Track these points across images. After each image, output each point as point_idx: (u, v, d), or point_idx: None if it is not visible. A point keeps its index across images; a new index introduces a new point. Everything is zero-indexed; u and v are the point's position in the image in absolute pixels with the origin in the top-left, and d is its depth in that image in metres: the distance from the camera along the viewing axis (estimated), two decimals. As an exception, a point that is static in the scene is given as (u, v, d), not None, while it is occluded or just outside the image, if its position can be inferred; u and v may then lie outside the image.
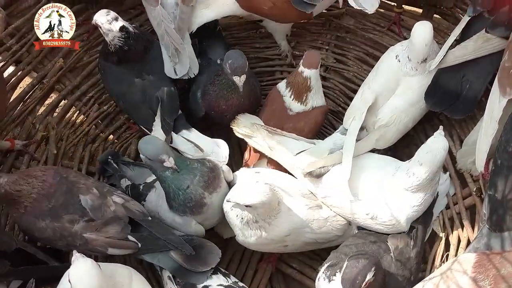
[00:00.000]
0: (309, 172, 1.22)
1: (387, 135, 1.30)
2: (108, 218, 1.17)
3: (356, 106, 1.31)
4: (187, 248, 1.15)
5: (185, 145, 1.34)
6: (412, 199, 1.13)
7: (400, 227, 1.16)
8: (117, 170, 1.40)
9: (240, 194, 1.11)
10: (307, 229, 1.21)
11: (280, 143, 1.28)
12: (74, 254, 1.02)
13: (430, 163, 1.08)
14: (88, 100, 1.59)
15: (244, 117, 1.34)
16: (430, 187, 1.13)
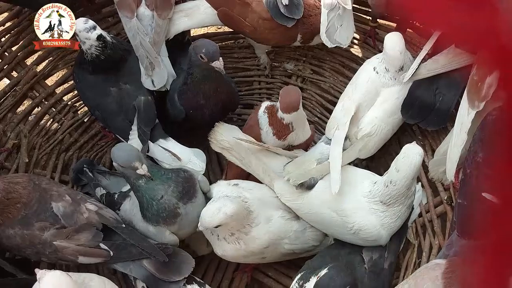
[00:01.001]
0: (300, 183, 1.21)
1: (369, 144, 1.32)
2: (80, 225, 1.15)
3: (338, 117, 1.33)
4: (161, 255, 1.13)
5: (162, 154, 1.33)
6: (392, 212, 1.15)
7: (381, 241, 1.17)
8: (92, 179, 1.38)
9: (203, 219, 1.10)
10: (285, 240, 1.21)
11: (260, 159, 1.27)
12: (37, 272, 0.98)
13: (407, 168, 1.09)
14: (62, 107, 1.57)
15: (222, 128, 1.31)
16: (407, 198, 1.14)
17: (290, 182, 1.21)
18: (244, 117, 1.63)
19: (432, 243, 1.24)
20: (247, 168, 1.28)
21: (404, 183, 1.11)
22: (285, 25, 1.38)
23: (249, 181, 1.27)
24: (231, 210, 1.10)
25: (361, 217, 1.15)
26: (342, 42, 1.37)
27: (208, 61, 1.22)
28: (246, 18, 1.38)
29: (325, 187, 1.20)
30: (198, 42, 1.26)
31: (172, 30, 1.40)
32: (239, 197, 1.17)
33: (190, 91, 1.33)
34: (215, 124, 1.32)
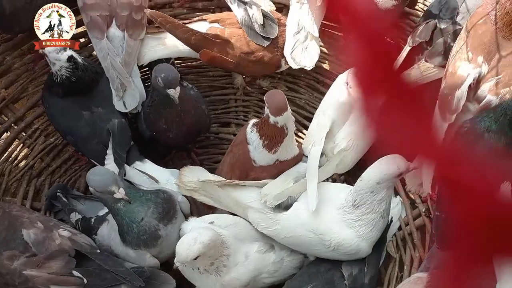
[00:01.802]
0: (277, 205, 1.21)
1: (346, 159, 1.32)
2: (51, 252, 1.11)
3: (314, 133, 1.34)
4: (137, 280, 1.11)
5: (139, 177, 1.31)
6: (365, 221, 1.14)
7: (362, 253, 1.17)
8: (66, 204, 1.34)
9: (180, 254, 1.07)
10: (265, 275, 1.20)
11: (229, 193, 1.25)
12: None
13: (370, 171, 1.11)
14: (33, 132, 1.52)
15: (188, 170, 1.30)
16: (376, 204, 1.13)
17: (268, 204, 1.20)
18: (222, 135, 1.63)
19: (413, 256, 1.25)
20: (218, 205, 1.27)
21: (367, 184, 1.11)
22: (261, 44, 1.39)
23: (225, 217, 1.25)
24: (207, 238, 1.08)
25: (337, 232, 1.15)
26: (306, 64, 1.38)
27: (164, 87, 1.21)
28: (228, 55, 1.39)
29: (298, 208, 1.20)
30: (160, 66, 1.26)
31: (147, 57, 1.39)
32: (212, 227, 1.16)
33: (152, 114, 1.33)
34: (180, 170, 1.30)
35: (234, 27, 1.39)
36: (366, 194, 1.11)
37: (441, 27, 1.30)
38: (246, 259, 1.18)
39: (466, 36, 1.17)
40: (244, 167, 1.30)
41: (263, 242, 1.22)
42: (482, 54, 1.12)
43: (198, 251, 1.07)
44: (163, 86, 1.21)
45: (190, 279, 1.18)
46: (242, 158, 1.30)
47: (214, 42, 1.37)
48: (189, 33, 1.35)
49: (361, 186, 1.12)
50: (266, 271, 1.20)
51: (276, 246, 1.23)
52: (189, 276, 1.17)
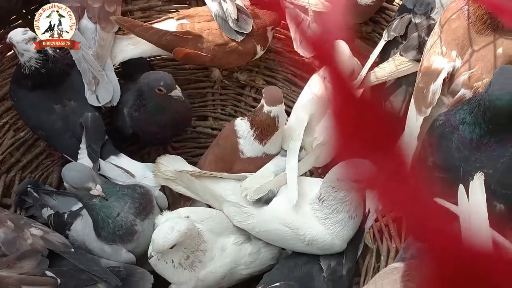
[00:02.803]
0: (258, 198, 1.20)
1: (325, 153, 1.33)
2: (22, 252, 1.07)
3: (292, 128, 1.34)
4: (113, 279, 1.08)
5: (114, 172, 1.28)
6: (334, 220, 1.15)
7: (336, 249, 1.17)
8: (37, 200, 1.30)
9: (156, 242, 1.06)
10: (242, 266, 1.20)
11: (205, 185, 1.24)
12: None
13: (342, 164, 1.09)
14: (1, 126, 1.46)
15: (165, 159, 1.29)
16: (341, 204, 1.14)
17: (248, 198, 1.20)
18: (199, 129, 1.61)
19: (390, 247, 1.27)
20: (195, 196, 1.26)
21: (329, 177, 1.12)
22: (235, 40, 1.38)
23: (200, 210, 1.24)
24: (184, 227, 1.07)
25: (310, 227, 1.15)
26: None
27: (166, 92, 1.22)
28: (202, 50, 1.38)
29: (273, 202, 1.20)
30: (152, 76, 1.24)
31: (119, 58, 1.37)
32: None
33: (143, 120, 1.31)
34: (157, 158, 1.29)
35: (203, 20, 1.38)
36: (329, 189, 1.12)
37: (415, 21, 1.32)
38: (222, 252, 1.17)
39: (440, 31, 1.19)
40: (230, 159, 1.30)
41: (239, 234, 1.22)
42: (456, 48, 1.15)
43: (175, 239, 1.06)
44: (166, 91, 1.21)
45: (164, 275, 1.16)
46: (229, 150, 1.30)
47: (186, 39, 1.36)
48: (159, 34, 1.34)
49: (325, 180, 1.13)
50: (243, 263, 1.20)
51: (253, 237, 1.23)
52: (163, 272, 1.15)
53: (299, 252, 1.21)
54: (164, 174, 1.26)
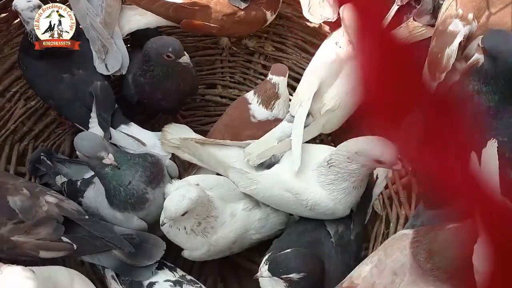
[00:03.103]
0: (260, 163, 1.21)
1: (333, 120, 1.32)
2: (39, 218, 1.10)
3: (302, 93, 1.32)
4: (127, 245, 1.11)
5: (125, 140, 1.28)
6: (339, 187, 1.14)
7: (339, 214, 1.18)
8: (51, 167, 1.32)
9: (168, 209, 1.08)
10: (252, 231, 1.22)
11: (211, 152, 1.25)
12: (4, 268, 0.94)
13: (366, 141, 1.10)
14: (12, 95, 1.47)
15: (172, 128, 1.29)
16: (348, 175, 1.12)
17: (250, 163, 1.21)
18: (208, 97, 1.60)
19: (399, 214, 1.28)
20: (201, 163, 1.27)
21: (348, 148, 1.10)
22: (238, 7, 1.36)
23: (209, 178, 1.25)
24: (195, 194, 1.08)
25: (312, 192, 1.16)
26: (329, 16, 1.37)
27: (175, 59, 1.20)
28: (210, 20, 1.35)
29: (276, 168, 1.20)
30: (160, 42, 1.23)
31: (125, 28, 1.35)
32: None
33: (149, 86, 1.30)
34: (164, 126, 1.30)
35: None
36: (343, 157, 1.11)
37: None
38: (233, 218, 1.19)
39: (456, -7, 1.15)
40: (239, 126, 1.31)
41: (249, 200, 1.23)
42: (472, 11, 1.11)
43: (186, 207, 1.07)
44: (174, 57, 1.20)
45: (176, 241, 1.18)
46: (238, 117, 1.32)
47: (193, 10, 1.34)
48: (165, 6, 1.32)
49: (342, 148, 1.12)
50: (253, 228, 1.21)
51: (261, 203, 1.24)
52: (175, 238, 1.17)
53: (305, 217, 1.22)
54: (170, 142, 1.27)
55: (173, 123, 1.32)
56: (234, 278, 1.38)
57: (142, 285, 1.10)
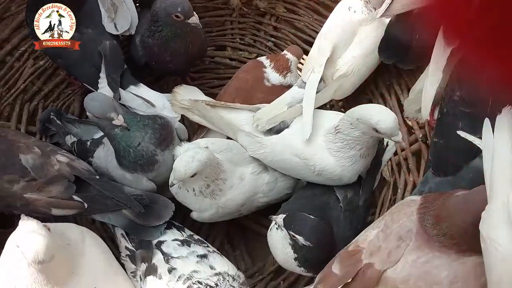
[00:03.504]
0: (270, 128, 1.21)
1: (345, 85, 1.31)
2: (50, 177, 1.12)
3: (314, 58, 1.31)
4: (137, 206, 1.13)
5: (135, 101, 1.28)
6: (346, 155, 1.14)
7: (345, 180, 1.18)
8: (60, 127, 1.33)
9: (177, 170, 1.08)
10: (260, 195, 1.23)
11: (221, 115, 1.24)
12: (22, 217, 0.98)
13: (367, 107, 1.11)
14: (21, 54, 1.46)
15: (182, 89, 1.29)
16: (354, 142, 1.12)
17: (259, 128, 1.21)
18: (217, 59, 1.58)
19: (407, 180, 1.28)
20: (210, 125, 1.27)
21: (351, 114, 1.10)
22: None
23: (219, 141, 1.25)
24: (205, 157, 1.09)
25: (320, 158, 1.16)
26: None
27: (184, 19, 1.18)
28: None
29: (285, 133, 1.20)
30: (169, 1, 1.19)
31: None
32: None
33: (157, 46, 1.28)
34: (174, 87, 1.29)
35: None
36: (347, 123, 1.10)
37: None
38: (241, 181, 1.20)
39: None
40: (253, 87, 1.31)
41: (257, 164, 1.24)
42: None
43: (195, 168, 1.08)
44: (183, 18, 1.18)
45: (185, 203, 1.20)
46: (252, 78, 1.31)
47: None
48: None
49: (347, 114, 1.12)
50: (261, 191, 1.23)
51: (270, 167, 1.25)
52: (184, 200, 1.19)
53: (312, 182, 1.22)
54: (180, 103, 1.27)
55: (183, 85, 1.31)
56: (242, 240, 1.41)
57: (151, 243, 1.13)
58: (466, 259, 0.89)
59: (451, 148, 1.08)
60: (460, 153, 1.07)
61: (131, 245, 1.14)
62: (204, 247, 1.12)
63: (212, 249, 1.13)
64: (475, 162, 1.05)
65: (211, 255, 1.09)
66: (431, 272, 0.89)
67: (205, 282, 1.02)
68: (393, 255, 0.92)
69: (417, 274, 0.90)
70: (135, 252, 1.12)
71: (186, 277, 1.03)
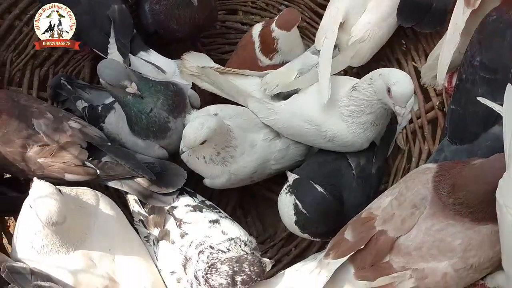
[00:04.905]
0: (280, 93, 1.19)
1: (362, 51, 1.27)
2: (63, 143, 1.12)
3: (327, 26, 1.27)
4: (149, 173, 1.12)
5: (145, 67, 1.26)
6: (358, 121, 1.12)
7: (356, 147, 1.16)
8: (71, 92, 1.32)
9: (187, 137, 1.07)
10: (272, 162, 1.22)
11: (231, 81, 1.22)
12: (34, 180, 0.98)
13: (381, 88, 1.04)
14: (29, 19, 1.44)
15: (191, 56, 1.26)
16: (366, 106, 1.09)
17: (266, 93, 1.19)
18: (228, 24, 1.54)
19: (422, 149, 1.26)
20: (220, 92, 1.25)
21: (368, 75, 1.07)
22: None
23: (228, 108, 1.24)
24: (214, 124, 1.08)
25: (332, 124, 1.14)
26: None
27: None
28: None
29: (295, 99, 1.18)
30: None
31: None
32: None
33: (163, 13, 1.26)
34: (183, 54, 1.27)
35: None
36: (367, 79, 1.07)
37: None
38: (253, 148, 1.19)
39: None
40: (252, 68, 1.27)
41: (269, 130, 1.22)
42: None
43: (205, 135, 1.08)
44: None
45: (196, 170, 1.20)
46: (248, 59, 1.28)
47: None
48: None
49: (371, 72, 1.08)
50: (273, 158, 1.22)
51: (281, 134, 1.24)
52: (195, 167, 1.19)
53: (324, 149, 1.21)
54: (189, 70, 1.25)
55: (192, 51, 1.29)
56: (253, 207, 1.42)
57: (164, 209, 1.13)
58: (481, 228, 0.88)
59: (469, 115, 1.06)
60: (479, 120, 1.05)
61: (144, 210, 1.15)
62: (216, 212, 1.13)
63: (224, 215, 1.14)
64: (494, 129, 1.03)
65: (223, 221, 1.10)
66: (445, 240, 0.89)
67: (217, 247, 1.03)
68: (407, 222, 0.92)
69: (430, 242, 0.90)
70: (148, 217, 1.13)
71: (198, 242, 1.04)
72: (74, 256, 1.01)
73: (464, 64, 1.08)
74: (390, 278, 0.92)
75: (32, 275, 0.96)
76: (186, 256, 1.04)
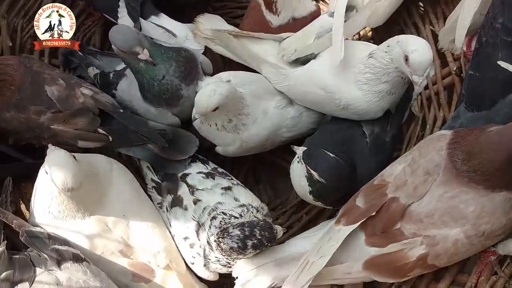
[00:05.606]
0: (296, 59, 1.15)
1: (379, 11, 1.23)
2: (76, 109, 1.12)
3: None
4: (161, 140, 1.13)
5: (156, 31, 1.24)
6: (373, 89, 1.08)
7: (371, 115, 1.14)
8: (83, 59, 1.31)
9: (199, 104, 1.06)
10: (284, 129, 1.21)
11: (244, 45, 1.19)
12: (49, 146, 1.00)
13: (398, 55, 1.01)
14: (38, -16, 1.43)
15: (204, 18, 1.23)
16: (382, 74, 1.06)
17: (285, 59, 1.16)
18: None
19: (437, 115, 1.23)
20: (233, 56, 1.22)
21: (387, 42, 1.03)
22: None
23: (241, 74, 1.21)
24: (226, 90, 1.07)
25: (346, 92, 1.11)
26: None
27: None
28: None
29: (312, 64, 1.15)
30: None
31: None
32: None
33: None
34: (196, 17, 1.23)
35: None
36: (384, 46, 1.03)
37: None
38: (265, 115, 1.18)
39: None
40: (263, 30, 1.24)
41: (282, 98, 1.21)
42: None
43: (217, 102, 1.06)
44: None
45: (208, 137, 1.19)
46: (258, 22, 1.24)
47: None
48: None
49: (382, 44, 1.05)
50: (285, 126, 1.21)
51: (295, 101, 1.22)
52: (207, 134, 1.19)
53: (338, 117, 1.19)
54: (203, 33, 1.22)
55: (206, 14, 1.26)
56: (265, 174, 1.42)
57: (176, 176, 1.14)
58: (495, 195, 0.87)
59: (488, 81, 1.02)
60: (498, 86, 1.01)
61: (156, 177, 1.16)
62: (228, 179, 1.13)
63: (236, 182, 1.14)
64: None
65: (235, 188, 1.11)
66: (458, 207, 0.88)
67: (230, 213, 1.04)
68: (419, 189, 0.92)
69: (443, 209, 0.89)
70: (161, 184, 1.15)
71: (211, 208, 1.06)
72: (90, 221, 1.03)
73: (484, 27, 1.03)
74: (401, 245, 0.92)
75: (49, 239, 0.99)
76: (199, 222, 1.05)
